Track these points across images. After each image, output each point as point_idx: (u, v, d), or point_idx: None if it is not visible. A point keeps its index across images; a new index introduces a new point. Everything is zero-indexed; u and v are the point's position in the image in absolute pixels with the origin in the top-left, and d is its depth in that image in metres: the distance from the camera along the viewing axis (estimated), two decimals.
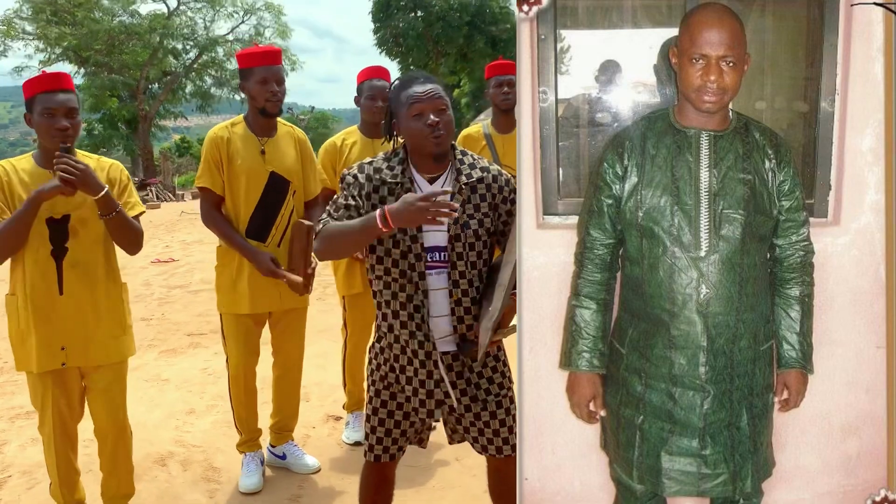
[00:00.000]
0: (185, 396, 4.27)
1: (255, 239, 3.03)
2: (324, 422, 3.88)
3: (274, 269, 2.94)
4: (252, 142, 3.06)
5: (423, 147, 2.06)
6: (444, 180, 2.12)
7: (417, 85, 2.09)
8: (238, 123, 3.10)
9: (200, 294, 7.12)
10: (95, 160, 2.64)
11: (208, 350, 5.19)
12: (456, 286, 2.09)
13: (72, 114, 2.50)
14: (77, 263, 2.53)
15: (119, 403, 2.69)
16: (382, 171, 2.13)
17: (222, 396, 4.05)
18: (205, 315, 6.23)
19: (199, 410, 4.07)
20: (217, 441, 3.64)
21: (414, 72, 2.23)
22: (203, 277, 7.81)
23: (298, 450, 3.35)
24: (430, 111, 2.05)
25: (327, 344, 4.73)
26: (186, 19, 27.41)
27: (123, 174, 2.70)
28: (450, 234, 2.08)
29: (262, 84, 2.99)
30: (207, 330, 5.75)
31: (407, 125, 2.08)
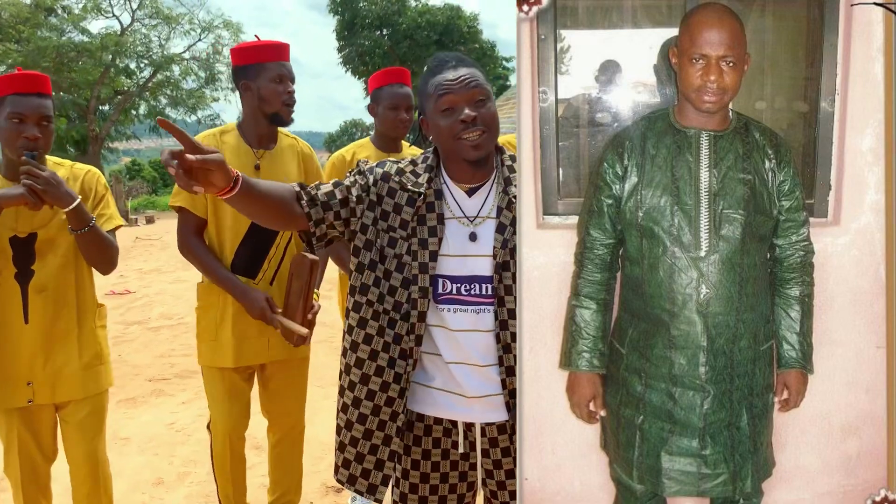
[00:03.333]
0: (152, 461, 3.64)
1: (244, 275, 2.50)
2: (322, 495, 3.22)
3: (268, 312, 2.41)
4: (246, 154, 2.52)
5: (456, 150, 1.64)
6: (486, 192, 1.71)
7: (448, 70, 1.66)
8: (229, 132, 2.56)
9: (161, 331, 6.35)
10: (68, 167, 2.36)
11: (174, 399, 4.53)
12: (504, 328, 1.66)
13: (45, 121, 2.20)
14: (44, 288, 2.23)
15: (96, 442, 2.37)
16: (405, 174, 1.71)
17: (194, 461, 3.60)
18: (167, 356, 5.54)
19: (168, 480, 3.44)
20: None
21: (445, 53, 1.76)
22: (163, 312, 7.13)
23: None
24: (465, 104, 1.64)
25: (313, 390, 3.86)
26: (141, 37, 26.49)
27: (100, 183, 2.38)
28: (496, 262, 1.65)
29: (277, 82, 2.47)
30: (171, 374, 5.05)
31: (435, 122, 1.66)
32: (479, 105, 1.66)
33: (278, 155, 2.58)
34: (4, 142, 2.20)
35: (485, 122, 1.65)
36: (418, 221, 1.69)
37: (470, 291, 1.68)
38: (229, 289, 2.47)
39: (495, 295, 1.67)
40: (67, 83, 25.06)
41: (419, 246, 1.68)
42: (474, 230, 1.72)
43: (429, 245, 1.68)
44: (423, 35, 27.20)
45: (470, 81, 1.66)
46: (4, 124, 2.18)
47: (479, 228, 1.73)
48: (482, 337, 1.69)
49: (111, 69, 25.58)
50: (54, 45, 23.88)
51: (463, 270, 1.68)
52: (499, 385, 1.71)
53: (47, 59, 23.32)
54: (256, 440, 2.77)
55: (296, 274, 2.41)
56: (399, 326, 1.67)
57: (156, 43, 26.88)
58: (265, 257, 2.53)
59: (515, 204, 1.72)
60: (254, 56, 2.50)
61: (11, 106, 2.16)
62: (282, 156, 2.59)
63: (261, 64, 2.48)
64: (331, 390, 3.96)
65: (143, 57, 26.62)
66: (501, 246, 1.67)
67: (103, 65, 25.09)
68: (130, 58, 26.38)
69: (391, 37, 27.71)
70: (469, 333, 1.68)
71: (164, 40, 26.95)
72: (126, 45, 25.70)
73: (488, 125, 1.66)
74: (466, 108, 1.64)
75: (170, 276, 8.94)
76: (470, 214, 1.74)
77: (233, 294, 2.47)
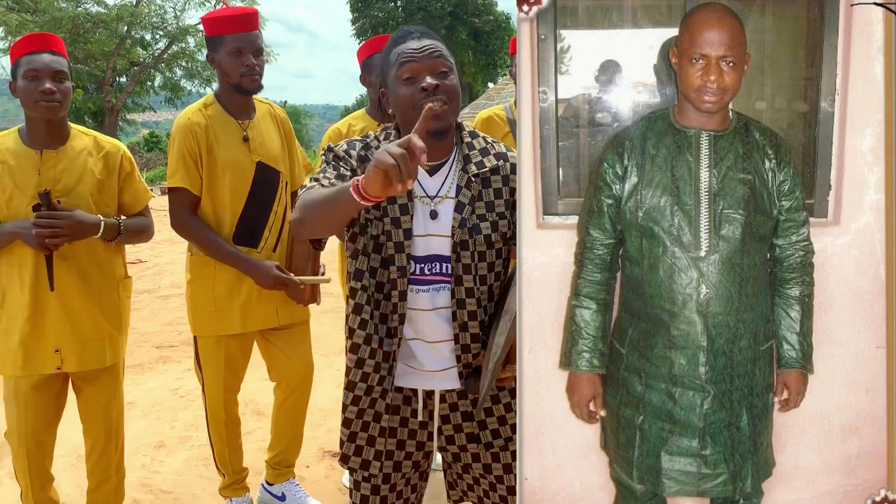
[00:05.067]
0: (154, 425, 3.74)
1: (245, 245, 2.53)
2: (319, 459, 3.30)
3: (282, 276, 2.47)
4: (233, 127, 2.52)
5: (416, 120, 1.51)
6: (447, 171, 1.71)
7: (412, 40, 1.63)
8: (211, 104, 2.54)
9: (171, 300, 6.48)
10: (93, 139, 2.39)
11: (179, 366, 4.65)
12: (461, 306, 1.68)
13: (59, 77, 2.22)
14: (68, 257, 2.26)
15: (111, 404, 2.45)
16: (371, 149, 1.67)
17: (196, 425, 3.67)
18: (175, 324, 5.66)
19: (170, 444, 3.52)
20: (191, 485, 3.11)
21: (410, 25, 1.72)
22: (173, 281, 7.22)
23: (301, 491, 2.83)
24: (426, 73, 1.60)
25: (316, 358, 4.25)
26: (156, 7, 26.41)
27: (125, 159, 2.41)
28: (454, 241, 1.67)
29: (235, 56, 2.46)
30: (178, 342, 5.18)
31: (396, 91, 1.62)
32: (442, 76, 1.63)
33: (260, 122, 2.60)
34: (24, 101, 2.23)
35: (447, 92, 1.62)
36: (388, 200, 1.65)
37: (432, 270, 1.68)
38: (236, 263, 2.48)
39: (453, 274, 1.66)
40: (83, 54, 25.19)
41: (392, 225, 1.66)
42: (434, 209, 1.70)
43: (401, 224, 1.67)
44: (438, 6, 26.86)
45: (433, 51, 1.63)
46: (22, 83, 2.21)
47: (440, 207, 1.71)
48: (438, 315, 1.69)
49: (127, 40, 25.60)
50: (70, 16, 23.93)
51: (424, 250, 1.67)
52: (453, 360, 1.73)
53: (63, 29, 23.35)
54: (258, 406, 2.84)
55: (297, 237, 2.45)
56: (384, 307, 1.67)
57: (171, 14, 26.91)
58: (265, 226, 2.55)
59: (474, 183, 1.70)
60: (215, 28, 2.49)
61: (26, 65, 2.21)
62: (263, 123, 2.61)
63: (220, 36, 2.48)
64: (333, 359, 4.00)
65: (159, 28, 26.56)
66: (459, 225, 1.66)
67: (119, 36, 25.11)
68: (146, 29, 26.34)
69: (405, 8, 27.42)
70: (426, 312, 1.69)
71: (179, 11, 26.94)
72: (141, 15, 25.68)
73: (450, 97, 1.62)
74: (428, 76, 1.60)
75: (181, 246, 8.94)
76: (431, 193, 1.72)
77: (241, 269, 2.48)
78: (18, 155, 2.26)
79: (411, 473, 1.84)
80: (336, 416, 3.73)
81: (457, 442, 1.84)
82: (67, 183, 2.28)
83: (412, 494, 1.88)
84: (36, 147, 2.28)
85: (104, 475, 2.50)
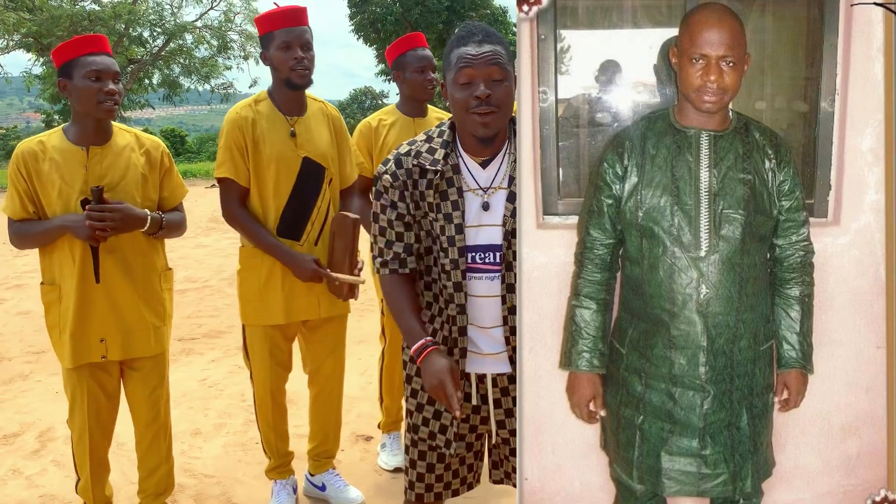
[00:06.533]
0: (188, 414, 3.85)
1: (288, 237, 2.61)
2: (352, 443, 3.44)
3: (319, 270, 2.54)
4: (280, 122, 2.61)
5: (468, 125, 1.69)
6: (499, 163, 1.78)
7: (472, 44, 1.70)
8: (262, 101, 2.65)
9: (187, 294, 6.62)
10: (134, 135, 2.51)
11: (203, 357, 4.77)
12: (510, 290, 1.77)
13: (117, 78, 2.36)
14: (114, 250, 2.37)
15: (158, 392, 2.54)
16: (422, 155, 1.77)
17: (229, 413, 3.83)
18: (194, 317, 5.82)
19: (205, 431, 3.64)
20: (232, 469, 3.22)
21: (473, 24, 1.79)
22: (187, 275, 7.39)
23: (340, 480, 2.92)
24: (482, 79, 1.67)
25: None
26: (153, 5, 26.19)
27: (165, 155, 2.53)
28: (505, 230, 1.75)
29: (284, 50, 2.54)
30: (199, 334, 5.31)
31: (452, 94, 1.71)
32: (496, 84, 1.69)
33: (310, 119, 2.69)
34: (83, 101, 2.31)
35: (498, 101, 1.69)
36: (440, 197, 1.77)
37: (484, 259, 1.77)
38: (277, 254, 2.58)
39: (504, 261, 1.76)
40: None
41: (445, 220, 1.77)
42: (487, 200, 1.79)
43: (453, 219, 1.77)
44: (435, 1, 26.98)
45: (491, 58, 1.69)
46: (82, 83, 2.29)
47: (492, 199, 1.80)
48: (492, 301, 1.79)
49: (124, 38, 25.35)
50: (68, 14, 23.68)
51: (478, 240, 1.76)
52: (503, 343, 1.82)
53: (61, 27, 23.16)
54: (289, 394, 2.90)
55: (338, 233, 2.55)
56: (443, 299, 1.79)
57: (168, 11, 26.68)
58: (308, 220, 2.64)
59: None
60: (265, 25, 2.60)
61: (86, 66, 2.29)
62: (313, 120, 2.70)
63: (270, 33, 2.59)
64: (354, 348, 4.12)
65: (156, 25, 26.33)
66: (511, 214, 1.76)
67: (116, 33, 24.85)
68: (143, 26, 26.09)
69: (402, 3, 27.49)
70: (483, 299, 1.78)
71: (176, 8, 26.76)
72: (139, 13, 25.44)
73: (500, 105, 1.70)
74: (483, 84, 1.68)
75: (192, 242, 9.14)
76: (483, 185, 1.81)
77: (281, 260, 2.58)
78: (65, 152, 2.36)
79: (465, 453, 1.93)
80: (363, 402, 3.83)
81: (507, 426, 1.90)
82: (113, 178, 2.38)
83: (469, 473, 1.97)
84: (82, 144, 2.38)
85: (155, 463, 2.60)
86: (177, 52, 27.04)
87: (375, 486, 3.05)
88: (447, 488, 1.93)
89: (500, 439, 1.92)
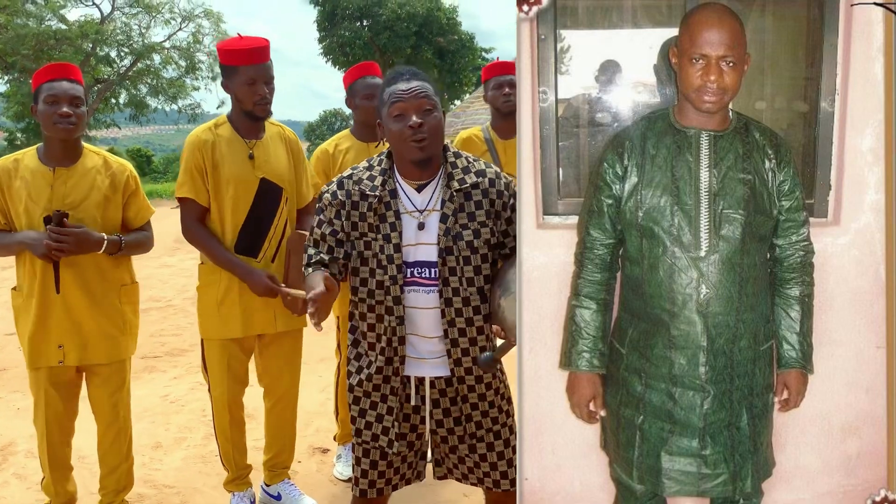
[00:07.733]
0: (149, 429, 3.86)
1: (246, 254, 2.70)
2: (309, 455, 3.49)
3: (273, 286, 2.63)
4: (239, 145, 2.72)
5: (405, 152, 1.89)
6: (433, 188, 1.95)
7: (402, 82, 1.91)
8: (222, 125, 2.75)
9: (150, 313, 6.54)
10: (102, 158, 2.65)
11: (165, 375, 4.79)
12: (448, 304, 1.91)
13: (76, 102, 2.51)
14: (73, 264, 2.51)
15: (119, 394, 2.67)
16: (363, 182, 1.96)
17: (190, 427, 3.88)
18: (157, 336, 5.83)
19: (166, 444, 3.67)
20: (192, 480, 3.25)
21: (401, 67, 2.02)
22: (151, 295, 7.33)
23: (296, 490, 2.98)
24: (413, 111, 1.87)
25: None
26: (121, 25, 25.99)
27: (131, 177, 2.67)
28: (440, 247, 1.91)
29: (249, 85, 2.65)
30: (162, 352, 5.33)
31: (388, 127, 1.91)
32: (426, 114, 1.89)
33: (268, 143, 2.81)
34: (43, 123, 2.52)
35: (430, 129, 1.89)
36: (380, 220, 1.95)
37: (422, 274, 1.93)
38: (233, 270, 2.68)
39: (440, 276, 1.92)
40: None
41: (384, 240, 1.94)
42: (423, 221, 1.95)
43: (391, 239, 1.94)
44: (403, 26, 27.36)
45: (420, 92, 1.89)
46: (43, 107, 2.50)
47: (427, 220, 1.95)
48: (430, 312, 1.94)
49: (91, 57, 25.06)
50: (33, 33, 23.39)
51: (417, 256, 1.93)
52: (442, 350, 1.96)
53: (27, 46, 22.96)
54: (247, 408, 2.97)
55: (294, 250, 2.63)
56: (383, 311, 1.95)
57: (136, 31, 26.43)
58: (265, 238, 2.74)
59: (456, 197, 1.94)
60: (230, 58, 2.70)
61: (47, 91, 2.50)
62: (271, 143, 2.82)
63: (234, 67, 2.69)
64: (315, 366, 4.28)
65: (124, 45, 26.13)
66: (444, 234, 1.92)
67: (83, 53, 24.58)
68: (111, 46, 25.90)
69: (371, 28, 27.87)
70: (421, 310, 1.95)
71: (144, 29, 26.52)
72: (106, 33, 25.24)
73: (432, 132, 1.90)
74: (415, 115, 1.88)
75: (156, 262, 9.24)
76: (420, 207, 1.96)
77: (237, 275, 2.68)
78: (34, 171, 2.54)
79: (407, 452, 2.05)
80: (322, 417, 3.90)
81: (445, 426, 2.01)
82: (76, 198, 2.53)
83: (408, 471, 2.09)
84: (50, 164, 2.55)
85: (116, 462, 2.74)
86: (144, 73, 26.76)
87: (331, 495, 3.10)
88: (388, 484, 2.06)
89: (440, 438, 2.04)
